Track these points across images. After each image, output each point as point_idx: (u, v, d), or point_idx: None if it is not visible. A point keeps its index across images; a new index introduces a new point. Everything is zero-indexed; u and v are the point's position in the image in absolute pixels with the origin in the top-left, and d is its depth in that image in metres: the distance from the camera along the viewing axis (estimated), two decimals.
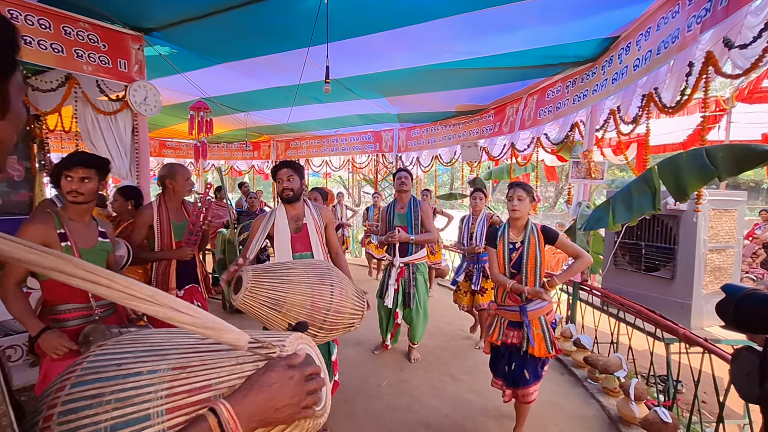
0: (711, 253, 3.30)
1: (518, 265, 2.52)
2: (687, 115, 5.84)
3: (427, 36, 3.68)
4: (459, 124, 6.81)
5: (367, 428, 2.80)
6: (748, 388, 1.07)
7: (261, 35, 3.75)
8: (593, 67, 4.03)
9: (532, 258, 2.49)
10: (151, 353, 0.67)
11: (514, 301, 2.55)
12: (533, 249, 2.51)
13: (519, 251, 2.53)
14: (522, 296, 2.50)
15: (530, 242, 2.51)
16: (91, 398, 0.61)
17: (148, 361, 0.65)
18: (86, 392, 0.62)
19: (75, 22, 3.20)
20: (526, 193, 2.52)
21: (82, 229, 1.87)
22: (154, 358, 0.66)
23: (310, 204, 2.57)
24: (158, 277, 2.64)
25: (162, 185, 2.69)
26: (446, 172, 21.34)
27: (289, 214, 2.48)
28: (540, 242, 2.53)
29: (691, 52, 2.75)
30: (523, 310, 2.49)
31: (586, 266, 2.56)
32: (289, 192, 2.42)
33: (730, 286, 1.13)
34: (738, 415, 3.33)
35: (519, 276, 2.52)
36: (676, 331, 2.75)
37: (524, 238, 2.54)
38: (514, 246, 2.56)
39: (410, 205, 3.74)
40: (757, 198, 19.91)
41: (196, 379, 0.63)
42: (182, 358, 0.66)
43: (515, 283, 2.48)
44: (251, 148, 9.86)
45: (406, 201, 3.77)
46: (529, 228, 2.55)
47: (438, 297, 6.34)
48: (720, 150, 2.53)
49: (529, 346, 2.45)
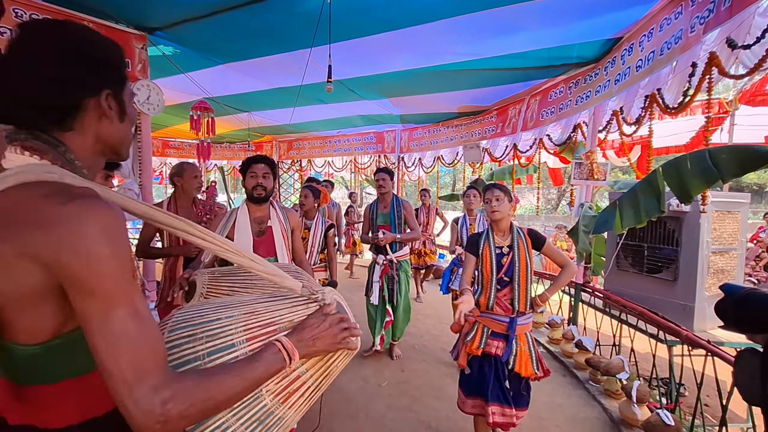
0: (714, 255, 3.28)
1: (510, 272, 2.30)
2: (690, 116, 5.83)
3: (430, 37, 3.68)
4: (461, 125, 6.81)
5: (367, 428, 2.80)
6: (751, 390, 1.06)
7: (264, 36, 3.76)
8: (596, 68, 4.02)
9: (524, 265, 2.30)
10: (223, 307, 0.91)
11: (504, 310, 2.31)
12: (523, 254, 2.32)
13: (509, 257, 2.32)
14: (514, 304, 2.29)
15: (519, 247, 2.33)
16: (188, 337, 0.83)
17: (223, 311, 0.89)
18: (182, 334, 0.84)
19: (79, 21, 3.22)
20: (503, 193, 2.34)
21: None
22: (226, 309, 0.90)
23: (276, 206, 2.43)
24: (166, 273, 2.78)
25: (173, 184, 2.83)
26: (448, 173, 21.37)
27: (253, 215, 2.32)
28: (528, 246, 2.36)
29: (694, 53, 2.74)
30: (513, 323, 2.26)
31: (572, 277, 2.41)
32: (261, 191, 2.27)
33: (729, 286, 1.12)
34: (741, 418, 3.31)
35: (511, 285, 2.30)
36: (679, 333, 2.74)
37: (512, 242, 2.35)
38: (502, 251, 2.35)
39: (393, 204, 3.81)
40: (761, 201, 19.83)
41: (263, 318, 0.90)
42: (248, 306, 0.92)
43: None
44: (254, 149, 9.87)
45: (388, 201, 3.84)
46: (514, 231, 2.37)
47: (439, 298, 6.32)
48: (723, 152, 2.52)
49: (515, 364, 2.24)
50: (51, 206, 0.61)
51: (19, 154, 0.67)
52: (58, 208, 0.61)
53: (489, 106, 6.13)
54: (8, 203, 0.62)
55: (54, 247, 0.60)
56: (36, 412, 0.68)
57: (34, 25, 0.71)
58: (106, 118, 0.76)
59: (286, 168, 10.32)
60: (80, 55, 0.71)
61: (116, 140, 0.79)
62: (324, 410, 2.90)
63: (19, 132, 0.69)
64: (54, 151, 0.69)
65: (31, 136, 0.69)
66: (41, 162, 0.67)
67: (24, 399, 0.68)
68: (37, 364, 0.67)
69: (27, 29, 0.69)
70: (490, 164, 7.61)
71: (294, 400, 0.91)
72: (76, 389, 0.71)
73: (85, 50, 0.71)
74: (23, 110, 0.68)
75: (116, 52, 0.77)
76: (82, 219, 0.61)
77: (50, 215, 0.61)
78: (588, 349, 3.75)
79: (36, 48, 0.68)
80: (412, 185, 15.11)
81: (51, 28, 0.71)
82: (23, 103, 0.68)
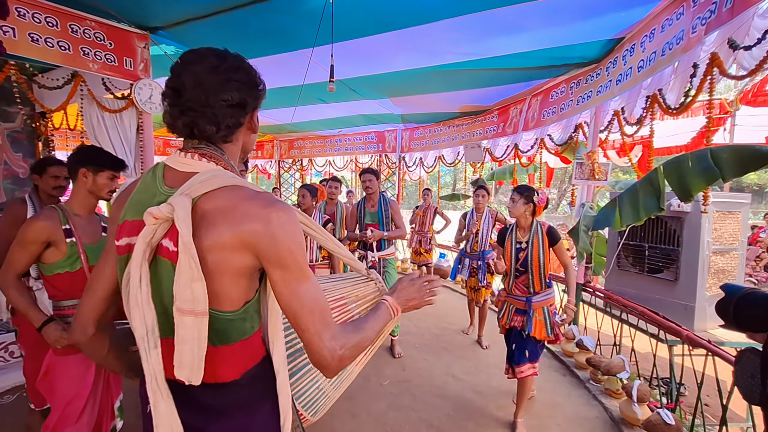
0: (714, 255, 3.29)
1: (525, 264, 2.78)
2: (691, 117, 5.83)
3: (432, 37, 3.68)
4: (462, 124, 6.81)
5: (369, 427, 2.81)
6: (751, 390, 1.07)
7: (266, 35, 3.76)
8: (597, 68, 4.02)
9: (536, 258, 2.73)
10: None
11: (521, 292, 2.85)
12: (536, 250, 2.74)
13: (525, 251, 2.78)
14: (529, 288, 2.79)
15: (533, 243, 2.75)
16: None
17: None
18: None
19: (82, 20, 3.22)
20: (519, 195, 2.78)
21: (86, 225, 1.88)
22: None
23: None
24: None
25: None
26: (449, 173, 21.38)
27: None
28: (544, 243, 2.74)
29: (696, 54, 2.74)
30: (529, 301, 2.79)
31: (575, 277, 2.87)
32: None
33: (729, 286, 1.14)
34: (741, 418, 3.31)
35: (526, 274, 2.79)
36: (680, 333, 2.74)
37: (529, 239, 2.77)
38: (520, 246, 2.82)
39: (380, 203, 3.89)
40: (761, 202, 19.82)
41: (334, 294, 1.21)
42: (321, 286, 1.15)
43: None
44: (255, 148, 9.87)
45: (375, 200, 3.93)
46: (533, 229, 2.78)
47: (441, 298, 6.33)
48: (724, 151, 2.52)
49: (531, 329, 2.75)
50: (258, 207, 0.81)
51: (197, 160, 0.86)
52: (265, 209, 0.81)
53: (490, 106, 6.12)
54: (222, 202, 0.81)
55: (265, 237, 0.80)
56: (212, 371, 0.84)
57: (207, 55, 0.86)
58: (250, 131, 0.97)
59: (287, 167, 10.33)
60: (247, 83, 0.89)
61: (250, 147, 1.01)
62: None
63: (191, 142, 0.89)
64: (224, 159, 0.89)
65: (205, 147, 0.88)
66: (217, 167, 0.86)
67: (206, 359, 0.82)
68: (228, 327, 0.85)
69: (202, 58, 0.86)
70: (491, 164, 7.60)
71: (360, 358, 1.22)
72: (242, 348, 0.89)
73: (249, 79, 0.90)
74: (209, 127, 0.86)
75: (258, 76, 0.95)
76: (282, 217, 0.82)
77: (260, 214, 0.80)
78: (589, 349, 3.75)
79: (220, 77, 0.85)
80: (413, 185, 15.12)
81: (222, 58, 0.87)
82: (211, 122, 0.86)
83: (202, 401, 0.87)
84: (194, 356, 0.78)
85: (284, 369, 0.96)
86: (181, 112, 0.85)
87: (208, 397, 0.88)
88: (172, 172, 0.87)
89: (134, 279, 0.78)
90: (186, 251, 0.75)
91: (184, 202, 0.76)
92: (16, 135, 4.20)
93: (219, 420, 0.88)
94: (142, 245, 0.78)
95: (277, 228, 0.81)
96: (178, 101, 0.85)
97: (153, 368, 0.79)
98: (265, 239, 0.80)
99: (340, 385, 1.28)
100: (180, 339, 0.78)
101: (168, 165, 0.88)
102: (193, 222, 0.77)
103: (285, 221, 0.82)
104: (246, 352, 0.91)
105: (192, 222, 0.76)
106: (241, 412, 0.90)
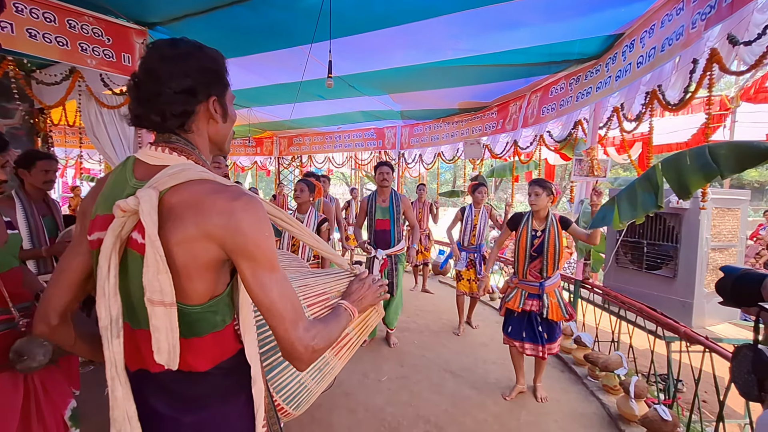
0: (713, 252, 3.28)
1: (540, 249, 3.05)
2: (692, 114, 5.80)
3: (431, 33, 3.66)
4: (462, 121, 6.79)
5: (366, 423, 2.82)
6: (748, 386, 1.07)
7: (264, 31, 3.74)
8: (597, 64, 4.01)
9: (552, 245, 3.02)
10: None
11: (534, 277, 3.08)
12: (552, 236, 3.02)
13: (541, 238, 3.05)
14: (542, 273, 3.05)
15: (550, 231, 3.02)
16: None
17: None
18: None
19: (79, 15, 3.21)
20: (541, 188, 3.02)
21: None
22: None
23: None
24: None
25: None
26: (449, 170, 21.34)
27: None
28: (559, 231, 3.03)
29: (696, 49, 2.73)
30: (542, 286, 3.04)
31: (599, 236, 3.03)
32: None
33: (729, 267, 1.26)
34: (738, 414, 3.32)
35: (540, 258, 3.05)
36: (677, 329, 2.75)
37: (546, 227, 3.04)
38: (536, 233, 3.07)
39: (392, 199, 3.90)
40: (761, 199, 19.80)
41: (316, 289, 1.20)
42: (300, 280, 1.23)
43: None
44: (254, 144, 9.85)
45: (387, 194, 3.92)
46: (549, 219, 3.04)
47: (439, 294, 6.35)
48: (723, 147, 2.50)
49: (548, 313, 3.00)
50: (224, 201, 0.81)
51: (168, 154, 0.86)
52: (231, 203, 0.81)
53: (489, 103, 6.11)
54: (189, 195, 0.81)
55: (230, 230, 0.80)
56: (185, 360, 0.85)
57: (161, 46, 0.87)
58: (213, 120, 0.94)
59: (286, 164, 10.32)
60: (198, 69, 0.88)
61: (221, 139, 0.98)
62: (323, 405, 2.92)
63: (162, 136, 0.89)
64: (195, 153, 0.90)
65: (176, 141, 0.89)
66: (188, 161, 0.87)
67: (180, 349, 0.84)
68: (197, 320, 0.85)
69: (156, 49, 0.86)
70: (490, 161, 7.60)
71: (342, 352, 1.28)
72: (214, 341, 0.90)
73: (201, 65, 0.88)
74: (156, 116, 0.86)
75: (220, 62, 0.94)
76: (249, 210, 0.82)
77: (225, 207, 0.80)
78: (587, 345, 3.76)
79: (169, 65, 0.85)
80: (412, 182, 15.10)
81: (173, 46, 0.87)
82: (157, 111, 0.85)
83: (176, 391, 0.89)
84: (169, 343, 0.80)
85: (256, 361, 0.96)
86: (138, 104, 0.86)
87: (182, 387, 0.89)
88: (142, 165, 0.87)
89: (102, 270, 0.79)
90: (151, 244, 0.75)
91: (150, 195, 0.77)
92: (15, 131, 4.19)
93: (193, 410, 0.89)
94: (111, 237, 0.79)
95: (242, 221, 0.81)
96: (137, 94, 0.86)
97: (114, 356, 0.82)
98: (229, 232, 0.80)
99: (323, 379, 1.29)
100: (154, 328, 0.79)
101: (138, 158, 0.88)
102: (160, 215, 0.78)
103: (251, 214, 0.82)
104: (218, 344, 0.91)
105: (159, 215, 0.77)
106: (215, 402, 0.91)
